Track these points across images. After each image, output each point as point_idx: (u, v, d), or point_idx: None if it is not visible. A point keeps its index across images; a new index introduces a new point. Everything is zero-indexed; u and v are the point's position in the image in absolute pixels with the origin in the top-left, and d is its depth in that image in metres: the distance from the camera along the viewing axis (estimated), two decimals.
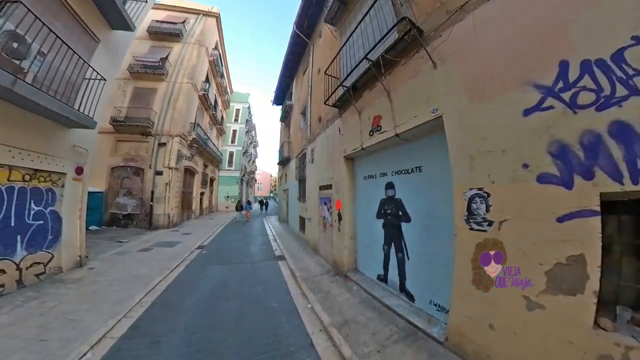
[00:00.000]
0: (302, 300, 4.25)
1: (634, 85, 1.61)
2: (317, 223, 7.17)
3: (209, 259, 6.80)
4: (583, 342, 1.77)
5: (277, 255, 7.42)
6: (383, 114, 4.09)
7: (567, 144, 1.90)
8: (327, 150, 6.55)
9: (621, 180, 1.66)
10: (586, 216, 1.79)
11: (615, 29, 1.69)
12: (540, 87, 2.06)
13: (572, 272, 1.84)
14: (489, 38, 2.49)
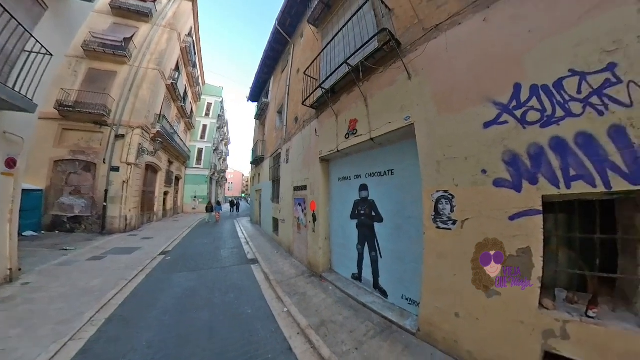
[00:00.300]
0: (278, 304, 4.09)
1: (569, 108, 1.94)
2: (291, 224, 7.03)
3: (174, 266, 6.05)
4: (531, 320, 2.04)
5: (249, 258, 7.00)
6: (359, 118, 4.22)
7: (518, 154, 2.20)
8: (303, 151, 6.48)
9: (558, 185, 1.97)
10: (531, 215, 2.08)
11: (558, 61, 2.02)
12: (498, 104, 2.35)
13: (521, 262, 2.11)
14: (458, 57, 2.75)
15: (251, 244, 8.83)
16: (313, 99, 5.46)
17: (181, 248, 8.18)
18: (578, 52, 1.91)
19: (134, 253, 7.00)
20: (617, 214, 1.92)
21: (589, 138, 1.85)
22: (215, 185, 30.26)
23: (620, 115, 1.72)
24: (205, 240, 9.75)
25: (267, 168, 11.34)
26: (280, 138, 9.01)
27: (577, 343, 1.83)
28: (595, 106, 1.83)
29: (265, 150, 12.28)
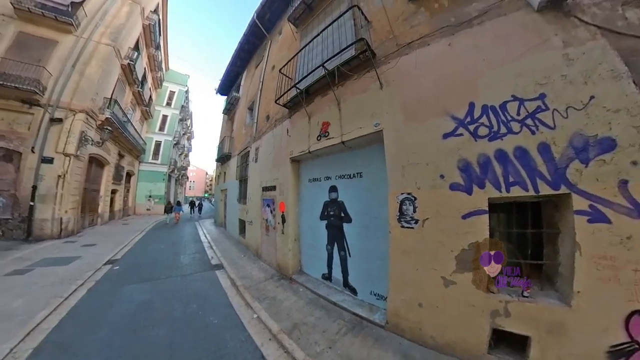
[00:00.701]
0: (247, 311, 3.79)
1: (510, 127, 2.29)
2: (259, 226, 6.67)
3: (124, 277, 5.10)
4: (481, 303, 2.30)
5: (213, 264, 6.34)
6: (332, 121, 4.26)
7: (470, 162, 2.48)
8: (274, 150, 6.23)
9: (500, 189, 2.29)
10: (479, 214, 2.37)
11: (504, 87, 2.37)
12: (456, 119, 2.63)
13: (472, 255, 2.38)
14: (425, 74, 3.00)
15: (215, 248, 8.01)
16: (287, 98, 5.32)
17: (132, 255, 6.93)
18: (519, 81, 2.28)
19: (72, 263, 5.66)
20: (542, 213, 2.31)
21: (524, 151, 2.20)
22: (174, 184, 26.56)
23: (547, 135, 2.10)
24: (162, 245, 8.42)
25: (234, 166, 10.53)
26: (250, 135, 8.47)
27: (516, 318, 2.14)
28: (529, 126, 2.19)
29: (232, 147, 11.41)
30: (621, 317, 1.73)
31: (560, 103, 2.06)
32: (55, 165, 8.29)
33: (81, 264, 5.66)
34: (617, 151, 1.82)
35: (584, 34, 2.02)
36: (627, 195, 1.76)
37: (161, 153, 21.05)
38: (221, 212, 13.22)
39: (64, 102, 8.69)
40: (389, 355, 2.61)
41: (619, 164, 1.81)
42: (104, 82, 10.29)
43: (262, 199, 6.59)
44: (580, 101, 1.98)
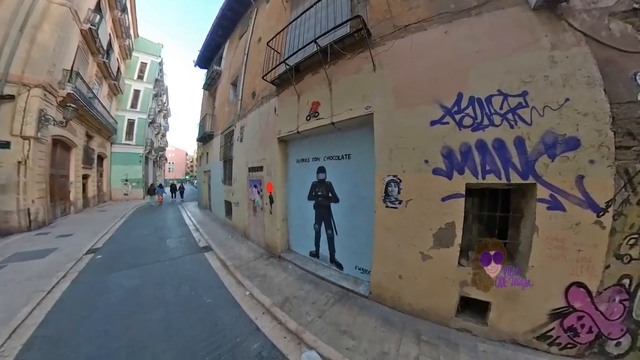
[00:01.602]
0: (239, 289, 3.78)
1: (492, 119, 2.31)
2: (246, 207, 6.44)
3: (109, 265, 4.66)
4: (452, 275, 2.52)
5: (201, 246, 6.10)
6: (322, 101, 3.97)
7: (453, 150, 2.52)
8: (260, 129, 5.77)
9: (477, 176, 2.39)
10: (457, 197, 2.48)
11: (492, 81, 2.34)
12: (443, 107, 2.59)
13: (448, 233, 2.53)
14: (419, 59, 2.84)
15: (202, 230, 7.63)
16: (275, 75, 4.80)
17: (115, 243, 6.30)
18: (506, 77, 2.26)
19: (49, 256, 5.00)
20: (511, 199, 2.48)
21: (502, 143, 2.27)
22: (152, 166, 23.30)
23: (523, 130, 2.17)
24: (145, 231, 7.75)
25: (217, 146, 9.63)
26: (234, 113, 7.68)
27: (479, 287, 2.37)
28: (509, 120, 2.24)
29: (215, 126, 10.33)
30: (563, 287, 2.02)
31: (539, 102, 2.11)
32: (14, 150, 6.85)
33: (59, 256, 5.04)
34: (579, 150, 1.95)
35: (571, 39, 2.02)
36: (582, 189, 1.94)
37: (135, 133, 18.21)
38: (205, 194, 12.41)
39: (14, 76, 6.92)
40: (372, 320, 2.82)
41: (579, 162, 1.96)
42: (61, 51, 8.25)
43: (248, 179, 6.26)
44: (556, 102, 2.05)
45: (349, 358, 2.31)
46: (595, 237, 1.90)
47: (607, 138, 1.86)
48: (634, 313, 1.83)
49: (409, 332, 2.57)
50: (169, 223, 9.23)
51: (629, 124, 1.81)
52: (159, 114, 24.51)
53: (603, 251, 1.88)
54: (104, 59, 12.23)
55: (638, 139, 1.79)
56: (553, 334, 2.06)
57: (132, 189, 17.61)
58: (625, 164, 1.82)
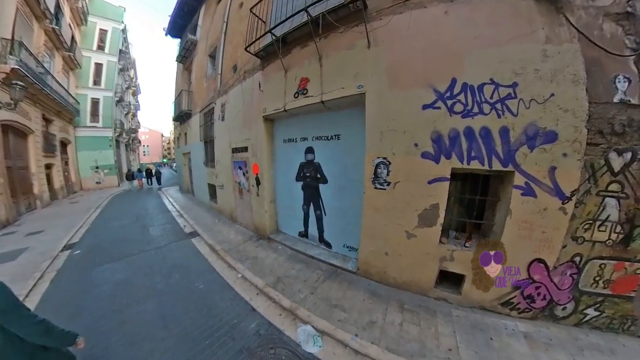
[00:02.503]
0: (231, 272, 3.62)
1: (482, 108, 2.26)
2: (231, 190, 6.01)
3: (90, 260, 4.08)
4: (433, 252, 2.65)
5: (187, 232, 5.65)
6: (311, 78, 3.57)
7: (442, 134, 2.47)
8: (243, 107, 5.16)
9: (463, 162, 2.40)
10: (443, 181, 2.51)
11: (486, 69, 2.23)
12: (436, 92, 2.47)
13: (431, 214, 2.60)
14: (415, 39, 2.60)
15: (186, 216, 7.05)
16: (259, 46, 4.15)
17: (93, 236, 5.47)
18: (500, 67, 2.18)
19: (21, 256, 4.20)
20: (490, 184, 2.58)
21: (488, 131, 2.26)
22: (125, 150, 20.11)
23: (509, 120, 2.17)
24: (125, 220, 6.87)
25: (196, 126, 8.53)
26: (213, 90, 6.73)
27: (457, 262, 2.56)
28: (497, 110, 2.21)
29: (192, 103, 9.01)
30: (526, 262, 2.23)
31: (527, 94, 2.10)
32: None
33: (32, 256, 4.26)
34: (556, 143, 2.02)
35: (565, 35, 1.96)
36: (552, 179, 2.06)
37: (101, 114, 14.99)
38: (186, 177, 11.27)
39: None
40: (361, 293, 2.93)
41: (554, 154, 2.04)
42: None
43: (232, 161, 5.75)
44: (542, 96, 2.04)
45: (342, 328, 2.39)
46: (558, 221, 2.08)
47: (581, 134, 1.94)
48: (580, 284, 2.12)
49: (394, 303, 2.73)
50: (150, 210, 8.31)
51: (601, 124, 1.89)
52: (126, 91, 20.52)
53: (562, 233, 2.08)
54: (52, 25, 9.38)
55: (606, 137, 1.89)
56: (514, 300, 2.33)
57: (104, 177, 14.92)
58: (592, 159, 1.94)
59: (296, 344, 2.24)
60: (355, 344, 2.21)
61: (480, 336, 2.18)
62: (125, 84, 19.47)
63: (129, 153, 22.43)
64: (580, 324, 2.16)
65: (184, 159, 11.38)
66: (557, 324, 2.22)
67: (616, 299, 2.03)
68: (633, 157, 1.83)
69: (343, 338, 2.28)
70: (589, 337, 2.07)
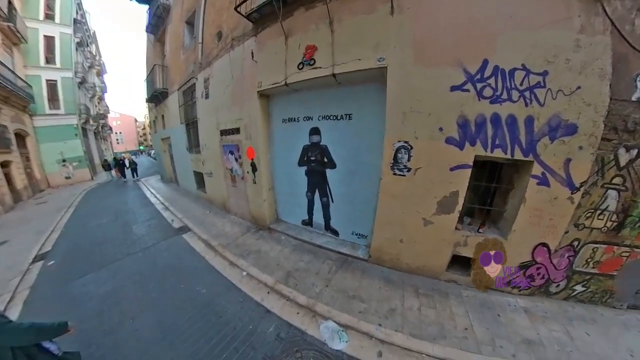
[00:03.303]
0: (234, 270, 3.32)
1: (511, 94, 2.21)
2: (222, 177, 5.39)
3: (68, 271, 3.35)
4: (449, 238, 2.73)
5: (177, 227, 4.99)
6: (320, 46, 3.09)
7: (468, 120, 2.39)
8: (232, 81, 4.42)
9: (486, 149, 2.39)
10: (465, 168, 2.50)
11: (517, 53, 2.13)
12: (467, 72, 2.32)
13: (451, 201, 2.62)
14: (446, 10, 2.33)
15: (172, 209, 6.20)
16: (251, 6, 3.47)
17: (68, 241, 4.50)
18: (532, 52, 2.10)
19: None
20: (502, 173, 2.66)
21: (514, 120, 2.25)
22: (95, 139, 17.35)
23: (535, 110, 2.17)
24: (104, 219, 5.84)
25: (174, 107, 7.31)
26: (193, 62, 5.67)
27: (470, 247, 2.69)
28: (526, 98, 2.19)
29: (168, 80, 7.65)
30: (532, 246, 2.43)
31: (555, 85, 2.10)
32: None
33: None
34: (575, 136, 2.10)
35: (599, 26, 1.93)
36: (566, 170, 2.18)
37: (62, 98, 11.94)
38: (167, 165, 9.88)
39: None
40: (375, 281, 2.96)
41: (571, 146, 2.13)
42: None
43: (221, 145, 5.08)
44: (569, 87, 2.06)
45: (364, 320, 2.38)
46: (565, 209, 2.26)
47: (598, 129, 2.05)
48: (574, 265, 2.41)
49: (409, 288, 2.82)
50: (131, 205, 7.14)
51: (617, 120, 2.00)
52: (89, 70, 16.65)
53: (567, 221, 2.27)
54: None
55: (619, 134, 2.03)
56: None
57: (74, 170, 12.52)
58: (603, 153, 2.09)
59: (321, 342, 2.16)
60: (380, 334, 2.23)
61: (488, 314, 2.38)
62: (86, 62, 15.78)
63: (100, 142, 19.59)
64: (569, 298, 2.50)
65: (163, 145, 9.90)
66: (549, 299, 2.54)
67: (601, 277, 2.36)
68: (639, 153, 2.01)
69: (367, 329, 2.28)
70: (575, 309, 2.42)
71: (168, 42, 7.70)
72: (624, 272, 2.25)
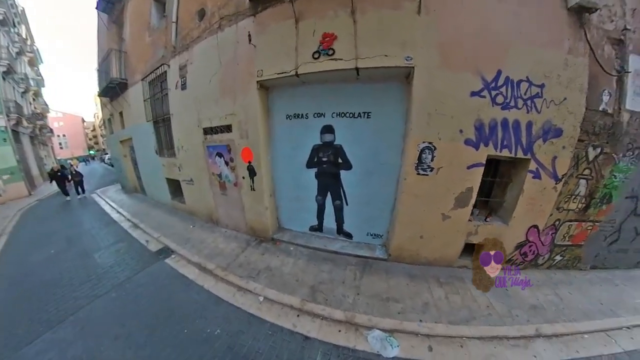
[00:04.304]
0: (247, 297, 2.77)
1: (517, 102, 2.55)
2: (207, 185, 4.43)
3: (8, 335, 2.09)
4: (463, 228, 2.99)
5: (155, 250, 3.82)
6: (340, 35, 2.77)
7: (484, 123, 2.64)
8: (222, 68, 3.61)
9: (497, 149, 2.70)
10: (479, 166, 2.77)
11: (523, 66, 2.46)
12: (484, 80, 2.54)
13: (466, 196, 2.87)
14: (471, 16, 2.45)
15: (143, 225, 4.75)
16: None
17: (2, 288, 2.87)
18: (533, 67, 2.47)
19: None
20: (500, 168, 3.07)
21: (518, 124, 2.62)
22: (31, 144, 13.21)
23: (534, 116, 2.57)
24: (52, 248, 4.13)
25: (137, 101, 5.66)
26: (164, 46, 4.47)
27: (480, 235, 3.01)
28: (528, 106, 2.56)
29: (128, 69, 5.92)
30: (526, 229, 2.92)
31: (549, 95, 2.53)
32: None
33: None
34: (560, 138, 2.60)
35: (581, 49, 2.41)
36: (553, 165, 2.68)
37: None
38: (130, 173, 7.70)
39: None
40: (401, 279, 3.00)
41: (557, 146, 2.63)
42: None
43: (205, 146, 4.14)
44: (559, 99, 2.52)
45: (406, 320, 2.38)
46: (551, 197, 2.79)
47: (576, 132, 2.59)
48: (555, 240, 3.03)
49: (431, 280, 2.97)
50: (87, 225, 5.16)
51: (588, 125, 2.58)
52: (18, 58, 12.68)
53: (552, 205, 2.83)
54: None
55: (589, 136, 2.62)
56: (513, 257, 3.07)
57: (5, 185, 9.15)
58: (578, 151, 2.67)
59: (375, 354, 2.04)
60: (424, 329, 2.27)
61: (500, 290, 2.73)
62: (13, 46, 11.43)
63: (38, 148, 15.49)
64: (551, 267, 3.15)
65: (122, 149, 7.66)
66: (538, 270, 3.12)
67: (573, 247, 3.06)
68: (600, 151, 2.66)
69: (412, 328, 2.29)
70: (556, 275, 3.06)
71: (128, 23, 6.01)
72: (588, 241, 2.99)
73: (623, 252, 3.03)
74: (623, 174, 2.75)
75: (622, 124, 2.55)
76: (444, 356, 2.03)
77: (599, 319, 2.38)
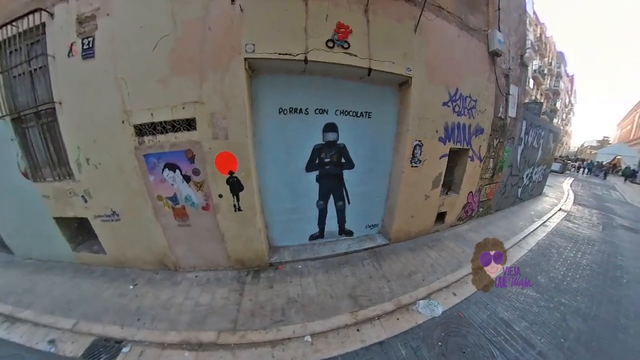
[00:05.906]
0: (289, 349, 2.06)
1: (464, 111, 3.54)
2: (149, 216, 2.57)
3: None
4: (436, 202, 3.86)
5: (81, 354, 1.58)
6: (354, 28, 2.55)
7: (448, 125, 3.48)
8: (178, 31, 2.13)
9: (455, 144, 3.64)
10: (445, 156, 3.64)
11: (469, 87, 3.44)
12: (449, 94, 3.33)
13: (438, 179, 3.70)
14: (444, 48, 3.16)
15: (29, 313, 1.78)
16: None
17: None
18: (474, 87, 3.55)
19: None
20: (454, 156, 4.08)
21: (464, 126, 3.65)
22: None
23: (472, 121, 3.67)
24: None
25: None
26: None
27: (445, 205, 3.99)
28: (470, 114, 3.61)
29: None
30: (466, 194, 4.18)
31: (479, 107, 3.72)
32: None
33: None
34: (482, 134, 3.91)
35: (492, 78, 3.75)
36: (479, 152, 4.04)
37: None
38: None
39: None
40: (407, 254, 3.45)
41: (481, 139, 3.95)
42: None
43: (142, 155, 2.36)
44: (483, 109, 3.76)
45: (430, 283, 2.83)
46: (477, 172, 4.19)
47: (489, 130, 4.00)
48: (480, 198, 4.57)
49: (423, 247, 3.64)
50: None
51: (493, 125, 4.05)
52: None
53: (478, 177, 4.25)
54: None
55: (494, 132, 4.13)
56: (462, 215, 4.35)
57: None
58: (489, 141, 4.13)
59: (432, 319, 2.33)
60: (443, 284, 2.85)
61: (462, 240, 3.84)
62: None
63: None
64: (477, 217, 4.74)
65: None
66: (473, 220, 4.65)
67: (487, 201, 4.77)
68: (498, 140, 4.27)
69: (437, 286, 2.80)
70: (477, 220, 4.66)
71: None
72: (493, 195, 4.79)
73: (507, 198, 5.24)
74: (507, 153, 4.63)
75: (507, 124, 4.28)
76: (464, 292, 2.69)
77: (510, 237, 4.01)
